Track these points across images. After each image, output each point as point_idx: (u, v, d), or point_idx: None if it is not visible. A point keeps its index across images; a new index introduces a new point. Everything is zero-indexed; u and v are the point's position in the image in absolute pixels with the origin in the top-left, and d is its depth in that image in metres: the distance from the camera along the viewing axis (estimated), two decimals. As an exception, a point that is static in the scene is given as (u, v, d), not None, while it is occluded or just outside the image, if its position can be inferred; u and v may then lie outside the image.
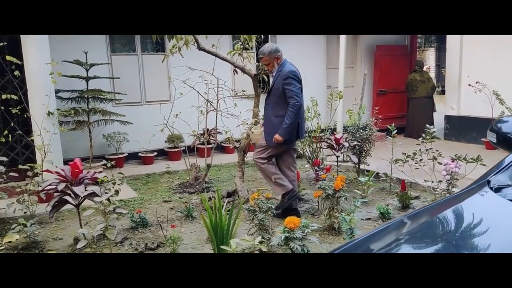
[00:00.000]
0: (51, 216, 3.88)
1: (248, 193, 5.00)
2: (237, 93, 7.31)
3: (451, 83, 8.71)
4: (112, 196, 3.91)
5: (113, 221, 3.65)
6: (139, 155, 7.57)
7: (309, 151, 6.20)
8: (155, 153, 7.65)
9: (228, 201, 4.65)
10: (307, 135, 6.29)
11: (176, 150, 7.61)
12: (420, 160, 4.77)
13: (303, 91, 4.42)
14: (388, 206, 4.59)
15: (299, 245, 3.08)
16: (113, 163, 5.12)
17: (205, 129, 6.14)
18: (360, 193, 4.70)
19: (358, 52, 9.87)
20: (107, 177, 4.14)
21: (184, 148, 6.58)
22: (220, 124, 6.02)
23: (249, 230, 3.76)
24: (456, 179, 4.30)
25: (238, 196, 5.00)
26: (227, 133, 6.28)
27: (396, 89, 9.75)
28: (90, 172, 4.12)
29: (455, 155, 4.43)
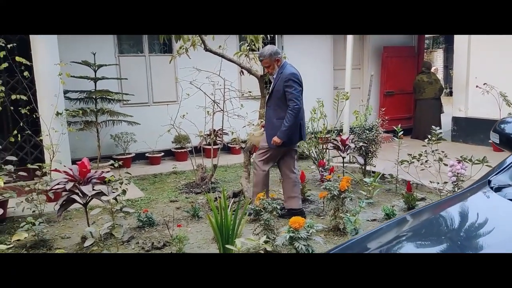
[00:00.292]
0: (59, 214, 3.94)
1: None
2: (243, 94, 7.36)
3: (458, 84, 8.67)
4: (119, 195, 3.95)
5: (120, 220, 3.69)
6: (146, 155, 7.63)
7: (315, 152, 6.21)
8: (162, 154, 7.70)
9: (233, 201, 4.68)
10: (314, 136, 6.30)
11: (182, 150, 7.65)
12: (425, 161, 4.76)
13: (303, 93, 4.43)
14: (393, 207, 4.59)
15: (304, 245, 3.10)
16: (120, 163, 5.17)
17: (212, 130, 6.18)
18: (365, 194, 4.70)
19: (365, 53, 9.86)
20: (114, 176, 4.19)
21: (190, 148, 6.62)
22: (226, 124, 6.06)
23: (254, 230, 3.78)
24: (462, 181, 4.29)
25: (244, 196, 5.03)
26: (233, 133, 6.32)
27: (403, 91, 9.72)
28: (97, 171, 4.17)
29: (460, 157, 4.42)
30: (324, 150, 6.22)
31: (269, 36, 5.58)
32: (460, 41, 8.50)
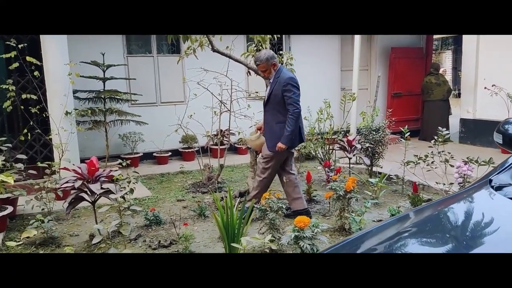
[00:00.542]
0: (68, 212, 3.99)
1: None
2: (250, 95, 7.40)
3: (467, 86, 8.63)
4: (127, 194, 3.99)
5: (127, 218, 3.74)
6: (154, 155, 7.69)
7: (322, 152, 6.22)
8: (170, 153, 7.76)
9: (239, 201, 4.71)
10: (320, 136, 6.32)
11: (190, 150, 7.70)
12: (432, 162, 4.75)
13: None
14: (399, 208, 4.60)
15: (309, 244, 3.12)
16: (128, 163, 5.23)
17: (219, 130, 6.21)
18: (370, 194, 4.71)
19: (372, 54, 9.84)
20: (122, 175, 4.24)
21: (198, 148, 6.66)
22: (233, 125, 6.09)
23: (260, 229, 3.81)
24: (468, 182, 4.28)
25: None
26: (240, 134, 6.35)
27: (411, 92, 9.70)
28: (106, 170, 4.23)
29: (467, 158, 4.42)
30: (330, 150, 6.23)
31: (276, 37, 5.60)
32: (468, 42, 8.46)
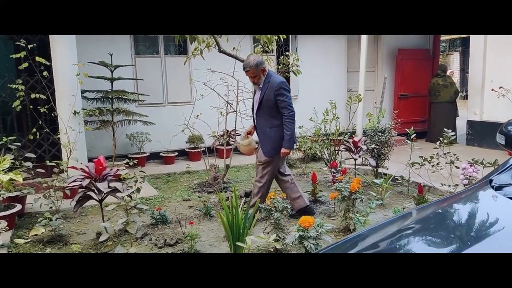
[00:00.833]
0: (75, 210, 4.05)
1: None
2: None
3: (474, 87, 8.59)
4: (133, 193, 4.04)
5: (134, 217, 3.79)
6: (161, 155, 7.74)
7: (327, 153, 6.23)
8: (176, 153, 7.81)
9: (245, 201, 4.74)
10: (326, 137, 6.33)
11: (196, 150, 7.75)
12: (437, 164, 4.75)
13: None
14: (404, 209, 4.60)
15: (313, 244, 3.14)
16: (135, 162, 5.27)
17: (225, 131, 6.25)
18: (375, 195, 4.72)
19: (379, 55, 9.83)
20: (129, 174, 4.29)
21: (204, 148, 6.70)
22: (239, 125, 6.12)
23: (265, 228, 3.84)
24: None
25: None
26: (246, 134, 6.36)
27: (418, 93, 9.67)
28: (113, 169, 4.27)
29: (472, 159, 4.41)
30: (336, 152, 6.24)
31: (282, 38, 5.62)
32: (476, 44, 8.43)
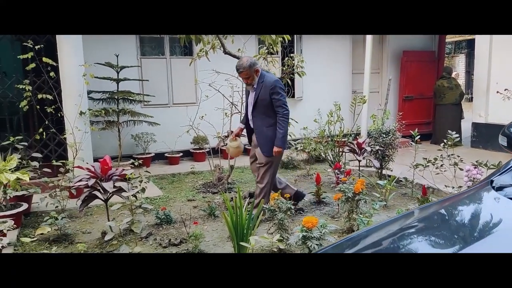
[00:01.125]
0: (81, 210, 4.09)
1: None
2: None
3: (479, 90, 8.58)
4: (138, 192, 4.07)
5: (139, 216, 3.82)
6: (166, 155, 7.78)
7: (331, 155, 6.24)
8: (181, 154, 7.84)
9: (249, 202, 4.76)
10: (330, 139, 6.34)
11: (201, 151, 7.78)
12: (441, 165, 4.75)
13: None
14: (408, 210, 4.60)
15: (317, 244, 3.16)
16: (140, 162, 5.32)
17: (230, 131, 6.27)
18: (379, 196, 4.72)
19: (384, 57, 9.83)
20: (134, 174, 4.32)
21: (208, 149, 6.73)
22: (244, 126, 6.14)
23: (269, 229, 3.86)
24: (478, 186, 4.28)
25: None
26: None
27: (423, 95, 9.66)
28: (118, 169, 4.31)
29: (476, 161, 4.42)
30: (340, 153, 6.25)
31: (287, 39, 5.64)
32: (481, 46, 8.42)
